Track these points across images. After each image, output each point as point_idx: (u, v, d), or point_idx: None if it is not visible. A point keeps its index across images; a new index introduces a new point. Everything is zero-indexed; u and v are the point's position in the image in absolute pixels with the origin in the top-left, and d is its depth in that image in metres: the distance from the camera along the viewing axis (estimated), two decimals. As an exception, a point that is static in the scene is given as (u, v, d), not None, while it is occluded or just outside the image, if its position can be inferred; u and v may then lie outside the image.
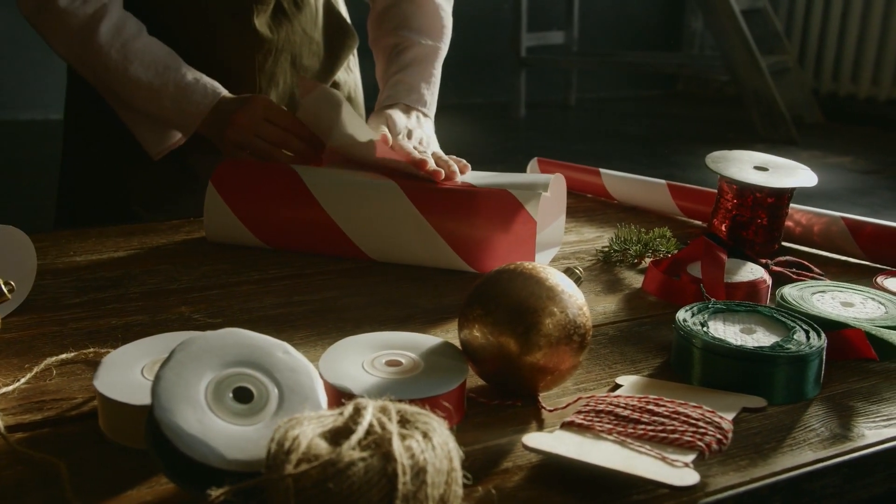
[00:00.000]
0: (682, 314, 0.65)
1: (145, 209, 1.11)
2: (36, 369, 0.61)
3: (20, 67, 4.18)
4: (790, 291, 0.73)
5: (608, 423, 0.52)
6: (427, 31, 1.12)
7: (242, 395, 0.48)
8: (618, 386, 0.61)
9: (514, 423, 0.55)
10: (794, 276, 0.80)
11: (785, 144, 4.05)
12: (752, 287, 0.76)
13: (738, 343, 0.61)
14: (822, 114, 4.65)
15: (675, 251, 0.85)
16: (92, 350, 0.64)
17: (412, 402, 0.49)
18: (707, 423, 0.51)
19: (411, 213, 0.83)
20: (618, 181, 1.11)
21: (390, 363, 0.56)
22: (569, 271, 0.63)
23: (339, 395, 0.53)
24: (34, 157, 3.44)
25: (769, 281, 0.77)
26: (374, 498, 0.39)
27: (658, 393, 0.57)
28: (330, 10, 1.20)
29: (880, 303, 0.71)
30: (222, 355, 0.49)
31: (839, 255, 0.92)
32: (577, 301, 0.57)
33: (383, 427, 0.42)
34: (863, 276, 0.84)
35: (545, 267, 0.58)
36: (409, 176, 0.87)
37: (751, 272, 0.78)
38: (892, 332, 0.64)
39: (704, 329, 0.62)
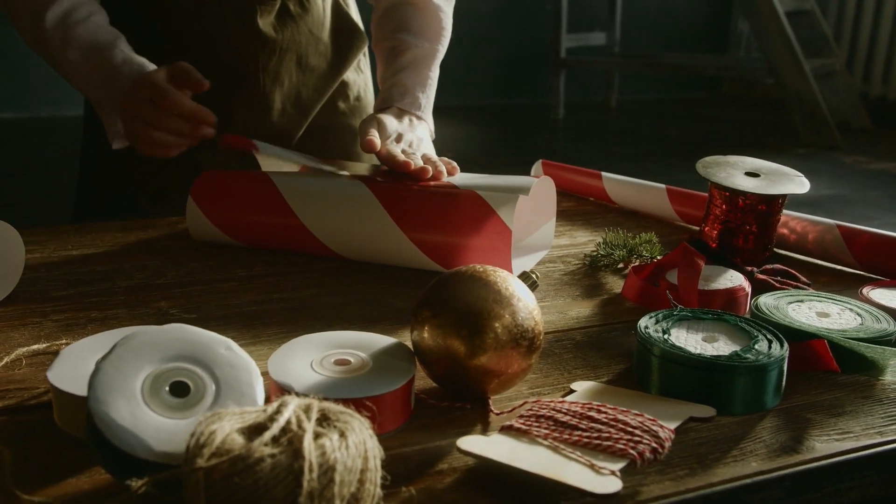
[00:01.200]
0: (644, 321, 0.64)
1: (151, 204, 1.14)
2: (7, 359, 0.63)
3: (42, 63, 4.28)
4: (766, 300, 0.71)
5: (545, 429, 0.52)
6: (425, 34, 1.12)
7: (179, 390, 0.49)
8: (571, 391, 0.60)
9: (460, 426, 0.56)
10: (778, 285, 0.79)
11: (827, 150, 3.96)
12: (730, 295, 0.75)
13: (697, 351, 0.60)
14: (870, 119, 4.53)
15: (659, 257, 0.85)
16: (65, 342, 0.66)
17: (346, 401, 0.50)
18: (644, 431, 0.51)
19: (385, 221, 0.83)
20: (618, 185, 1.10)
21: (339, 362, 0.57)
22: (524, 275, 0.63)
23: (283, 393, 0.54)
24: (56, 154, 3.52)
25: (748, 289, 0.76)
26: (279, 494, 0.40)
27: (609, 399, 0.57)
28: (338, 11, 1.21)
29: (857, 314, 0.69)
30: (164, 350, 0.51)
31: (834, 265, 0.90)
32: (528, 305, 0.57)
33: (299, 425, 0.43)
34: (853, 287, 0.82)
35: (498, 271, 0.58)
36: (392, 176, 0.88)
37: (729, 280, 0.76)
38: (858, 343, 0.63)
39: (665, 336, 0.62)
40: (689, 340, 0.62)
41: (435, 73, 1.13)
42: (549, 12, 5.02)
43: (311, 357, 0.57)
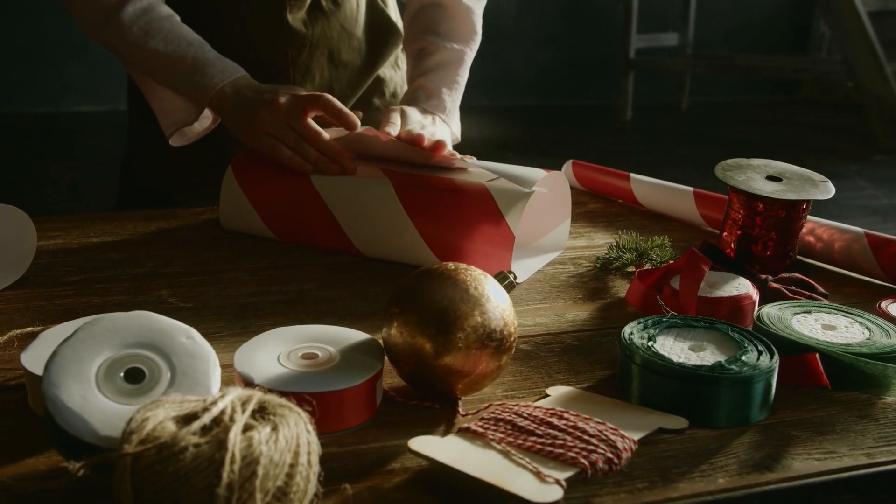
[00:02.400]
0: (630, 327, 0.62)
1: (184, 195, 1.16)
2: (1, 339, 0.65)
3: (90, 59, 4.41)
4: (769, 310, 0.68)
5: (501, 433, 0.50)
6: (454, 36, 1.11)
7: (134, 376, 0.50)
8: (546, 396, 0.59)
9: (424, 426, 0.55)
10: (790, 295, 0.75)
11: (907, 156, 3.78)
12: (735, 303, 0.71)
13: (680, 361, 0.57)
14: (958, 125, 4.30)
15: (669, 262, 0.82)
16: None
17: (296, 394, 0.50)
18: (602, 440, 0.49)
19: (398, 213, 0.83)
20: (645, 187, 1.07)
21: (306, 356, 0.57)
22: (500, 275, 0.61)
23: (245, 384, 0.54)
24: (104, 146, 3.62)
25: (756, 297, 0.73)
26: (199, 483, 0.40)
27: (580, 406, 0.55)
28: (374, 7, 1.21)
29: (867, 327, 0.65)
30: (125, 336, 0.51)
31: (861, 276, 0.85)
32: (499, 306, 0.56)
33: (231, 416, 0.43)
34: (878, 299, 0.77)
35: (471, 270, 0.57)
36: (410, 166, 0.88)
37: (736, 287, 0.73)
38: (858, 358, 0.59)
39: (650, 344, 0.59)
40: (675, 349, 0.60)
41: (463, 77, 1.11)
42: (619, 12, 4.93)
43: (279, 350, 0.57)
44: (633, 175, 1.10)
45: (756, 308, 0.73)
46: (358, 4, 1.18)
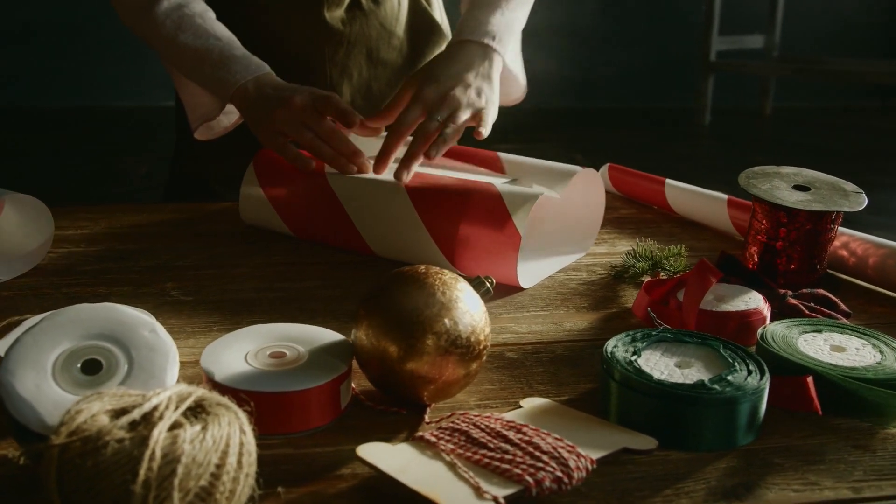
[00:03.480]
0: (615, 340, 0.59)
1: (224, 188, 1.18)
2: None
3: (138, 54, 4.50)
4: (775, 328, 0.64)
5: (453, 444, 0.49)
6: None
7: (91, 367, 0.50)
8: (518, 407, 0.56)
9: (386, 431, 0.54)
10: (807, 312, 0.71)
11: None
12: (743, 318, 0.67)
13: (662, 378, 0.54)
14: None
15: (682, 272, 0.78)
16: (58, 313, 0.69)
17: (236, 393, 0.49)
18: (553, 457, 0.47)
19: (409, 212, 0.82)
20: (679, 193, 1.03)
21: (274, 355, 0.56)
22: (477, 281, 0.59)
23: (208, 380, 0.54)
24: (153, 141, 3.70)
25: (767, 313, 0.69)
26: (117, 479, 0.40)
27: (549, 420, 0.53)
28: (416, 7, 1.21)
29: (880, 350, 0.61)
30: (87, 327, 0.52)
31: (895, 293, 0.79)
32: (469, 312, 0.54)
33: (162, 413, 0.42)
34: (908, 321, 0.72)
35: (443, 274, 0.56)
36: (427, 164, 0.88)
37: (745, 302, 0.69)
38: (860, 383, 0.55)
39: (633, 359, 0.56)
40: (660, 365, 0.57)
41: (514, 12, 1.02)
42: (699, 13, 4.80)
43: (249, 348, 0.57)
44: (668, 181, 1.06)
45: (765, 323, 0.69)
46: (400, 3, 1.18)
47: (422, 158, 0.86)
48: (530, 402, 0.56)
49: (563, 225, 0.93)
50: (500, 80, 0.97)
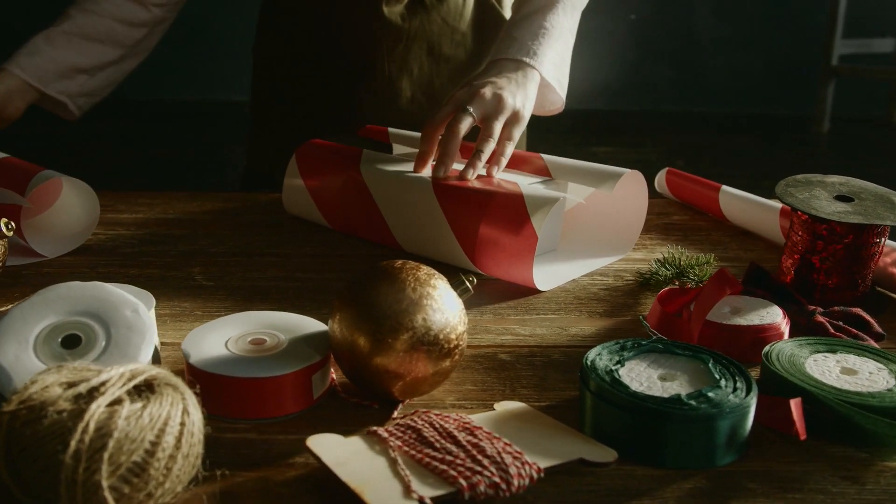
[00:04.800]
0: (600, 348, 0.57)
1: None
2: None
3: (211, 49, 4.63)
4: (783, 346, 0.60)
5: (402, 441, 0.48)
6: None
7: (71, 342, 0.53)
8: (491, 409, 0.55)
9: (353, 424, 0.54)
10: (831, 331, 0.66)
11: None
12: (756, 333, 0.64)
13: (640, 390, 0.52)
14: None
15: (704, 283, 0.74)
16: (84, 291, 0.73)
17: (220, 378, 0.51)
18: (494, 463, 0.45)
19: (434, 208, 0.82)
20: (732, 200, 0.98)
21: (254, 341, 0.57)
22: (456, 280, 0.58)
23: (185, 362, 0.55)
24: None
25: (785, 329, 0.65)
26: (50, 449, 0.41)
27: (513, 425, 0.52)
28: (483, 2, 1.20)
29: (896, 377, 0.56)
30: (74, 304, 0.54)
31: (947, 318, 0.73)
32: (442, 310, 0.53)
33: (107, 388, 0.44)
34: (952, 347, 0.66)
35: (419, 270, 0.55)
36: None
37: (761, 316, 0.65)
38: (857, 410, 0.51)
39: (613, 369, 0.54)
40: (641, 377, 0.54)
41: (552, 23, 1.02)
42: (825, 15, 4.55)
43: (232, 333, 0.58)
44: (724, 187, 1.01)
45: (782, 339, 0.65)
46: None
47: (457, 156, 0.86)
48: (503, 406, 0.55)
49: (602, 228, 0.91)
50: (536, 91, 0.96)
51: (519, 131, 0.92)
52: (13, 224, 0.71)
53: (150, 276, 0.79)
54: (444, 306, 0.54)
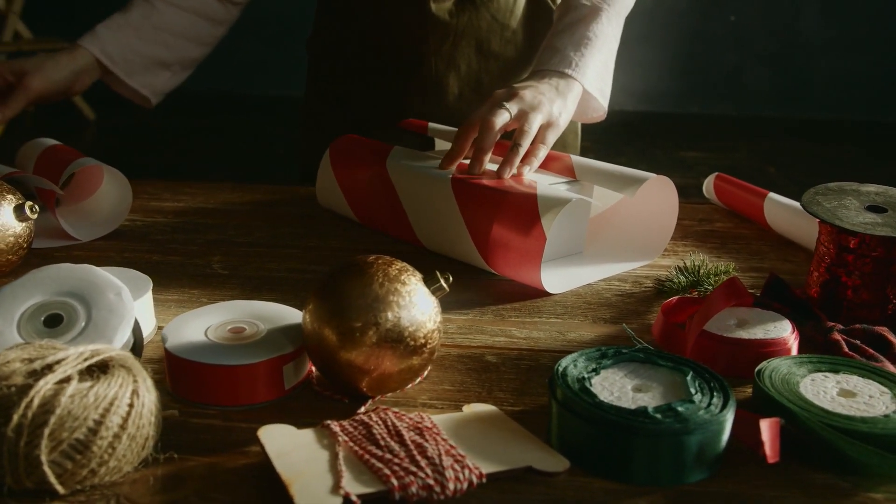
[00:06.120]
0: (574, 356, 0.55)
1: None
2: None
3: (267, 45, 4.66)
4: (780, 363, 0.56)
5: (349, 436, 0.48)
6: None
7: (53, 321, 0.55)
8: (459, 410, 0.54)
9: (322, 417, 0.53)
10: (845, 350, 0.61)
11: None
12: (758, 348, 0.60)
13: (608, 401, 0.50)
14: None
15: (722, 292, 0.71)
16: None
17: (191, 364, 0.52)
18: (432, 465, 0.44)
19: (451, 206, 0.81)
20: (776, 209, 0.93)
21: (233, 330, 0.58)
22: (431, 278, 0.57)
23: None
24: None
25: (792, 344, 0.61)
26: (-3, 422, 0.43)
27: (472, 427, 0.51)
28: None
29: (898, 403, 0.52)
30: (61, 284, 0.56)
31: None
32: (410, 306, 0.53)
33: (59, 366, 0.45)
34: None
35: (392, 266, 0.55)
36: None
37: (766, 331, 0.62)
38: (840, 434, 0.47)
39: (585, 377, 0.52)
40: (614, 386, 0.52)
41: (595, 32, 1.01)
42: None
43: (215, 321, 0.59)
44: (771, 195, 0.96)
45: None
46: None
47: (490, 154, 0.85)
48: (472, 408, 0.54)
49: (630, 233, 0.88)
50: (577, 103, 0.95)
51: (554, 137, 0.91)
52: (37, 207, 0.74)
53: (172, 262, 0.81)
54: (412, 303, 0.53)
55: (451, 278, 0.56)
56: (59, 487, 0.44)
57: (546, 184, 0.82)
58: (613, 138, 3.97)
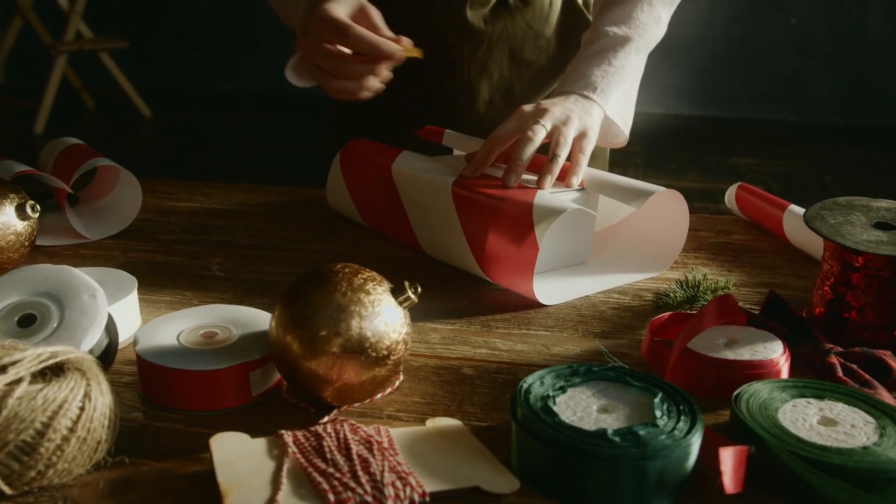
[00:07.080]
0: (542, 373, 0.53)
1: None
2: None
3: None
4: (760, 387, 0.54)
5: (299, 448, 0.47)
6: (616, 21, 1.02)
7: (27, 321, 0.55)
8: (422, 424, 0.53)
9: (285, 425, 0.53)
10: (838, 375, 0.58)
11: None
12: (744, 370, 0.58)
13: (568, 421, 0.48)
14: None
15: (717, 309, 0.68)
16: (103, 274, 0.77)
17: (156, 368, 0.52)
18: (372, 481, 0.44)
19: (451, 213, 0.80)
20: (795, 221, 0.90)
21: (206, 335, 0.58)
22: (398, 288, 0.55)
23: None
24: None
25: (783, 366, 0.58)
26: (-54, 422, 0.44)
27: (428, 442, 0.50)
28: (572, 7, 1.17)
29: (882, 433, 0.49)
30: (38, 285, 0.57)
31: None
32: (374, 318, 0.52)
33: (13, 368, 0.46)
34: None
35: (358, 275, 0.54)
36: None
37: (755, 351, 0.59)
38: (809, 467, 0.45)
39: (549, 395, 0.51)
40: (578, 406, 0.50)
41: (623, 62, 0.99)
42: None
43: (188, 325, 0.59)
44: (791, 206, 0.93)
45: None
46: (551, 4, 1.14)
47: (527, 163, 0.84)
48: (435, 422, 0.53)
49: (637, 245, 0.86)
50: (600, 125, 0.93)
51: (590, 146, 0.89)
52: (39, 206, 0.76)
53: (173, 263, 0.82)
54: (375, 313, 0.52)
55: (419, 289, 0.55)
56: (6, 488, 0.44)
57: (548, 193, 0.80)
58: (665, 142, 3.90)
